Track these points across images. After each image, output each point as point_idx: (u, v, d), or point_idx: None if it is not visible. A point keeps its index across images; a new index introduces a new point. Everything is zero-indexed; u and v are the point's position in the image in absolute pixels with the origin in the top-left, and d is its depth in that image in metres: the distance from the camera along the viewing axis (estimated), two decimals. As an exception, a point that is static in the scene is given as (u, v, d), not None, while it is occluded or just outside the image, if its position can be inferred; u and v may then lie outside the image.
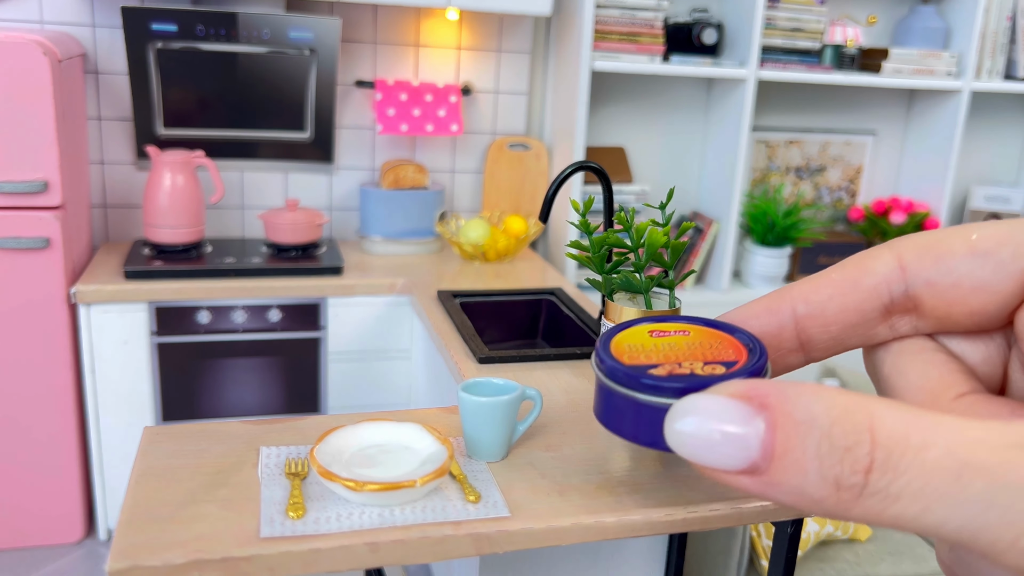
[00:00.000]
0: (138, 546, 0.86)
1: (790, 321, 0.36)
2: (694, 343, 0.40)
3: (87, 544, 2.22)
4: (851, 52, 2.83)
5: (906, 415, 0.26)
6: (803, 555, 1.83)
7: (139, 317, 2.10)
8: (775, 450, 0.27)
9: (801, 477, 0.27)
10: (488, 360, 1.62)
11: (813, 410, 0.27)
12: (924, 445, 0.25)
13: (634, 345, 0.41)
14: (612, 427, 1.01)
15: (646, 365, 0.38)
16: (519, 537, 0.94)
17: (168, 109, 2.37)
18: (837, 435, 0.26)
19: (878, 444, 0.26)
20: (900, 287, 0.33)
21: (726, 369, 0.38)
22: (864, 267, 0.34)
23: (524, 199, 2.73)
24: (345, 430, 1.04)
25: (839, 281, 0.35)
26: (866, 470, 0.26)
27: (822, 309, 0.35)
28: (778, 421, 0.27)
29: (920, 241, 0.33)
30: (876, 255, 0.34)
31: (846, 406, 0.27)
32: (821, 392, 0.27)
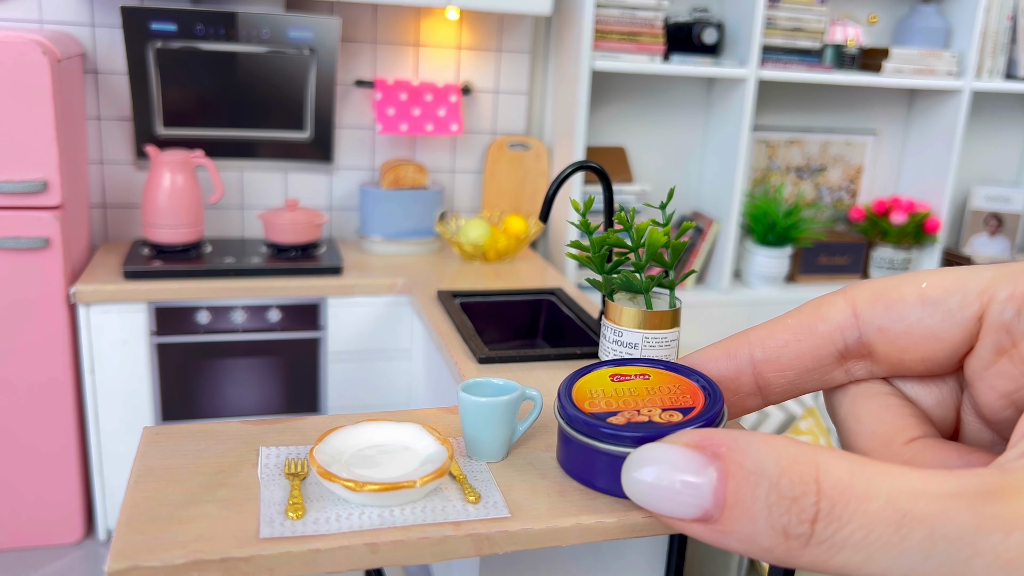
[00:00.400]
0: (137, 546, 0.86)
1: (748, 366, 0.37)
2: (653, 387, 0.41)
3: (86, 544, 2.22)
4: (852, 52, 2.83)
5: (851, 465, 0.27)
6: (804, 555, 1.82)
7: (138, 317, 2.10)
8: (726, 499, 0.28)
9: (751, 526, 0.28)
10: (488, 360, 1.62)
11: (762, 460, 0.28)
12: (867, 495, 0.26)
13: (595, 391, 0.42)
14: (572, 473, 1.01)
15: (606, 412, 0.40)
16: (519, 537, 0.94)
17: (167, 109, 2.37)
18: (785, 485, 0.27)
19: (823, 494, 0.26)
20: (854, 333, 0.34)
21: (683, 416, 0.39)
22: (819, 314, 0.35)
23: (524, 199, 2.72)
24: (345, 430, 1.04)
25: (794, 327, 0.36)
26: (812, 520, 0.26)
27: (778, 355, 0.36)
28: (729, 470, 0.28)
29: (873, 288, 0.34)
30: (831, 302, 0.35)
31: (794, 457, 0.27)
32: (771, 442, 0.28)
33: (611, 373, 0.44)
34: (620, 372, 0.44)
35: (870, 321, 0.34)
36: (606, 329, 1.33)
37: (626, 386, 0.43)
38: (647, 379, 0.43)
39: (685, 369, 0.41)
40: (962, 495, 0.25)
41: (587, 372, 0.46)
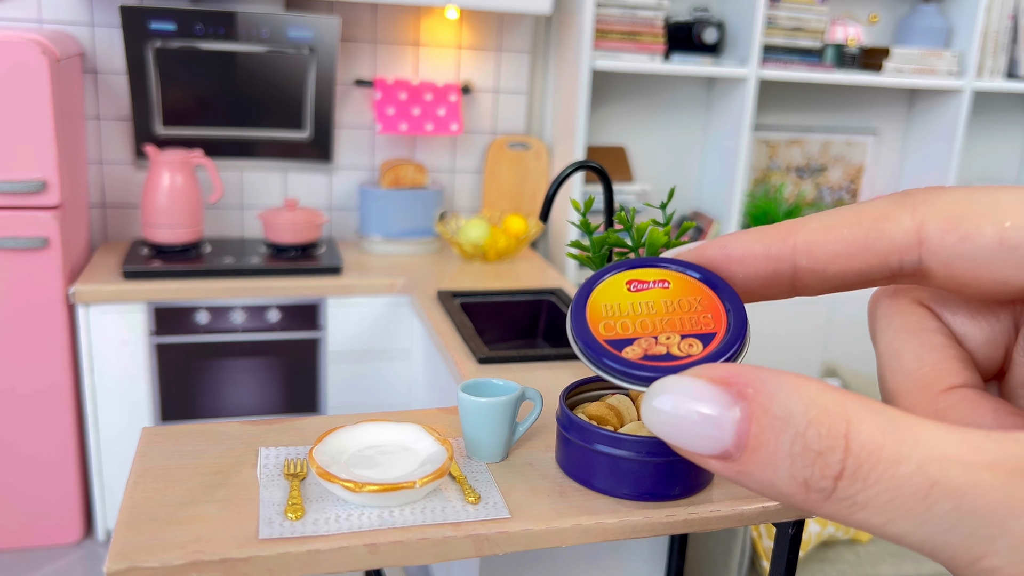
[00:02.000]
0: (136, 547, 0.85)
1: (788, 269, 0.34)
2: (672, 302, 0.38)
3: (85, 545, 2.22)
4: (852, 51, 2.83)
5: (884, 423, 0.26)
6: (804, 556, 1.82)
7: (138, 317, 2.10)
8: (749, 442, 0.27)
9: (772, 472, 0.27)
10: (488, 360, 1.62)
11: (791, 407, 0.27)
12: (897, 459, 0.25)
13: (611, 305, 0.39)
14: (572, 473, 1.01)
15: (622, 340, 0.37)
16: (519, 538, 0.94)
17: (167, 108, 2.36)
18: (812, 437, 0.26)
19: (851, 452, 0.25)
20: (914, 258, 0.31)
21: (703, 346, 0.36)
22: (879, 229, 0.31)
23: (524, 199, 2.72)
24: (344, 431, 1.03)
25: (849, 241, 0.32)
26: (836, 476, 0.26)
27: (824, 266, 0.33)
28: (754, 413, 0.27)
29: (947, 211, 0.30)
30: (895, 219, 0.31)
31: (825, 407, 0.26)
32: (802, 388, 0.27)
33: (628, 279, 0.41)
34: (638, 278, 0.40)
35: (936, 252, 0.30)
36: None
37: (643, 299, 0.39)
38: (666, 288, 0.39)
39: (709, 276, 0.38)
40: (997, 468, 0.24)
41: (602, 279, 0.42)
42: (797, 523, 1.06)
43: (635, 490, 0.97)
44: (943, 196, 0.30)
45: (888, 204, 0.31)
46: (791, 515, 1.03)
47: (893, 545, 1.89)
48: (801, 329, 2.84)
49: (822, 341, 2.84)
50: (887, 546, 1.89)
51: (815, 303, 2.85)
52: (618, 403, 1.05)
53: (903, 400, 0.33)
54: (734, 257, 0.35)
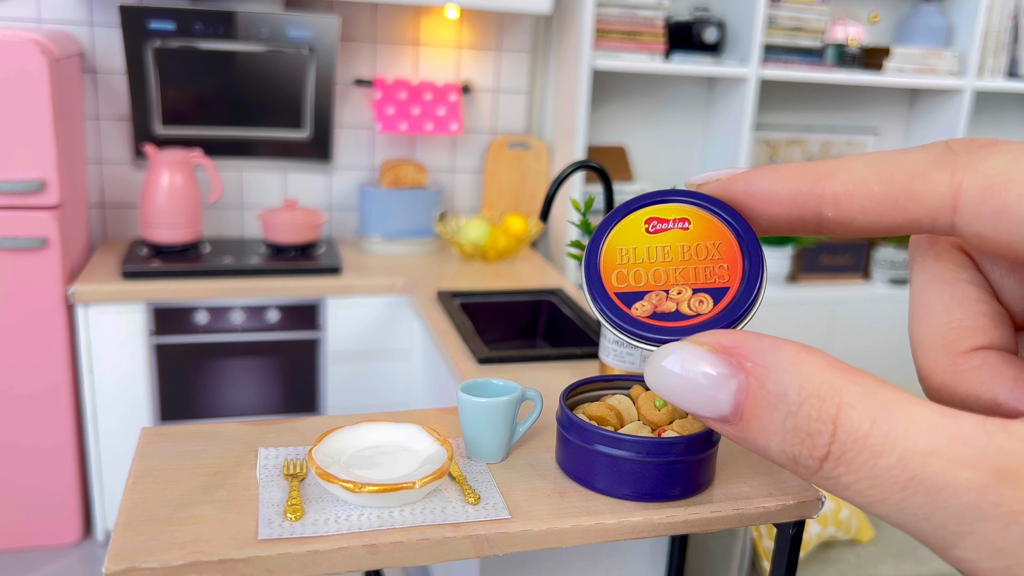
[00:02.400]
0: (135, 547, 0.85)
1: (814, 217, 0.32)
2: (690, 247, 0.37)
3: (84, 545, 2.21)
4: (853, 51, 2.82)
5: (875, 410, 0.26)
6: (805, 556, 1.82)
7: (137, 317, 2.09)
8: (744, 413, 0.28)
9: (765, 441, 0.28)
10: (488, 360, 1.61)
11: (785, 385, 0.27)
12: (880, 450, 0.25)
13: (626, 249, 0.38)
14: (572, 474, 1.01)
15: (633, 293, 0.36)
16: (519, 539, 0.93)
17: (166, 108, 2.36)
18: (802, 418, 0.27)
19: (837, 438, 0.26)
20: (946, 224, 0.29)
21: (714, 304, 0.36)
22: (912, 191, 0.29)
23: (524, 198, 2.72)
24: (344, 431, 1.03)
25: (879, 198, 0.30)
26: (822, 458, 0.26)
27: (851, 218, 0.31)
28: (751, 387, 0.28)
29: (987, 178, 0.28)
30: (931, 179, 0.29)
31: (818, 389, 0.27)
32: (799, 365, 0.27)
33: (648, 217, 0.39)
34: (658, 216, 0.39)
35: (971, 222, 0.28)
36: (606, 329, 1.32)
37: (661, 242, 0.38)
38: (686, 229, 0.38)
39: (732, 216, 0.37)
40: (978, 466, 0.24)
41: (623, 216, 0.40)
42: (798, 524, 1.05)
43: (635, 491, 0.97)
44: (986, 159, 0.28)
45: (926, 160, 0.29)
46: (791, 516, 1.03)
47: (894, 545, 1.89)
48: (801, 329, 2.84)
49: (822, 341, 2.84)
50: (888, 546, 1.89)
51: (816, 303, 2.84)
52: (618, 403, 1.04)
53: (925, 355, 0.32)
54: (759, 197, 0.34)
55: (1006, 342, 0.32)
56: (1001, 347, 0.31)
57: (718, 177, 0.35)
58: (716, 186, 0.36)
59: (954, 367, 0.31)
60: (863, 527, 1.90)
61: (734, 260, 0.37)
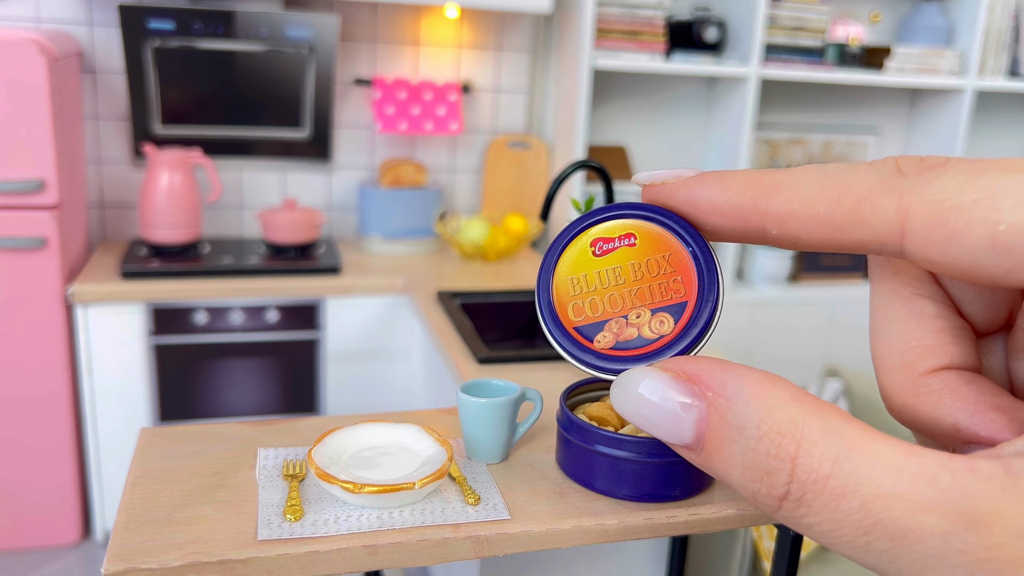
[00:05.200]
0: (134, 548, 0.85)
1: (758, 232, 0.31)
2: (641, 264, 0.36)
3: (83, 546, 2.21)
4: (854, 50, 2.82)
5: (836, 450, 0.25)
6: (805, 557, 1.82)
7: (136, 317, 2.09)
8: (705, 444, 0.28)
9: (726, 472, 0.27)
10: (488, 360, 1.61)
11: (745, 419, 0.27)
12: (842, 493, 0.24)
13: (577, 278, 0.37)
14: (572, 474, 1.01)
15: (591, 324, 0.36)
16: (519, 539, 0.93)
17: (165, 107, 2.36)
18: (760, 454, 0.26)
19: (796, 478, 0.25)
20: (895, 248, 0.28)
21: (675, 322, 0.35)
22: (859, 214, 0.28)
23: (524, 198, 2.71)
24: (343, 431, 1.03)
25: (824, 220, 0.29)
26: (780, 497, 0.26)
27: (796, 237, 0.30)
28: (711, 418, 0.27)
29: (935, 202, 0.26)
30: (877, 203, 0.28)
31: (778, 426, 0.26)
32: (760, 399, 0.27)
33: (593, 239, 0.39)
34: (604, 236, 0.39)
35: (920, 247, 0.27)
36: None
37: (610, 264, 0.38)
38: (633, 246, 0.38)
39: (677, 223, 0.36)
40: (944, 511, 0.23)
41: (568, 243, 0.40)
42: (799, 524, 1.05)
43: (636, 491, 0.97)
44: (934, 182, 0.27)
45: (874, 182, 0.28)
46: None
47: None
48: (801, 329, 2.83)
49: (823, 341, 2.83)
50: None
51: (816, 303, 2.84)
52: (619, 403, 1.04)
53: (886, 376, 0.32)
54: (702, 207, 0.33)
55: (967, 359, 0.31)
56: (962, 365, 0.31)
57: (663, 179, 0.34)
58: (658, 192, 0.34)
59: (915, 389, 0.31)
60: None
61: (687, 271, 0.36)
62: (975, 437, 0.29)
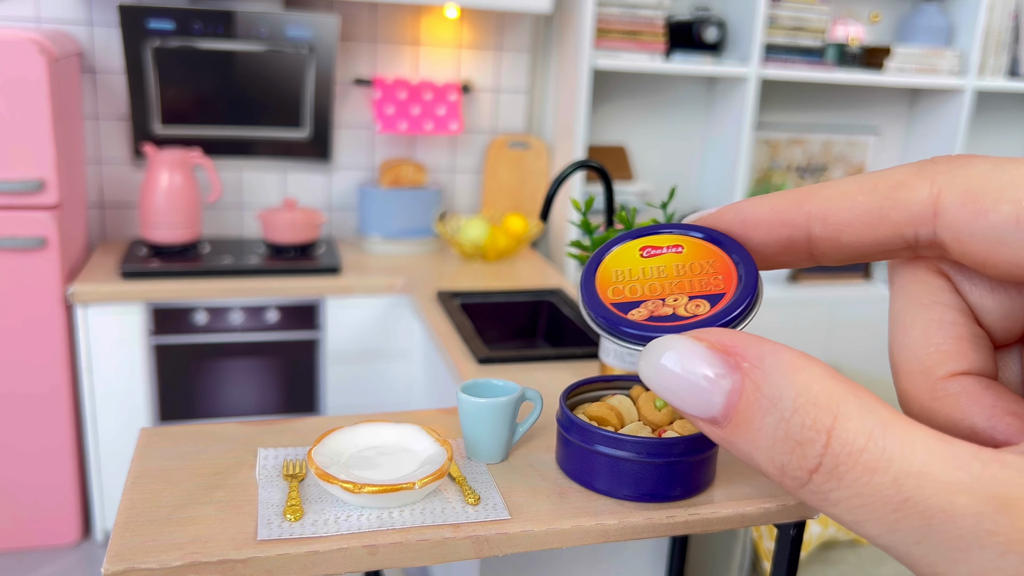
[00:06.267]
0: (134, 548, 0.85)
1: (803, 236, 0.33)
2: (684, 265, 0.37)
3: (83, 546, 2.21)
4: (854, 50, 2.82)
5: (872, 426, 0.25)
6: (805, 557, 1.82)
7: (136, 317, 2.09)
8: (735, 415, 0.27)
9: (753, 447, 0.27)
10: (488, 360, 1.61)
11: (781, 391, 0.26)
12: (875, 467, 0.25)
13: (621, 271, 0.38)
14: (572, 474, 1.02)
15: (628, 303, 0.36)
16: (519, 539, 0.93)
17: (165, 107, 2.36)
18: (795, 426, 0.26)
19: (830, 450, 0.25)
20: (928, 231, 0.30)
21: (711, 307, 0.35)
22: (895, 198, 0.30)
23: (524, 198, 2.71)
24: (343, 431, 1.03)
25: (863, 208, 0.31)
26: (812, 469, 0.26)
27: (838, 233, 0.32)
28: (745, 388, 0.27)
29: (967, 184, 0.28)
30: (913, 187, 0.30)
31: (815, 398, 0.26)
32: (797, 372, 0.27)
33: (642, 246, 0.40)
34: (651, 244, 0.40)
35: (950, 226, 0.29)
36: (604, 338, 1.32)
37: (655, 263, 0.39)
38: (680, 252, 0.39)
39: (724, 240, 0.37)
40: (974, 493, 0.24)
41: (615, 246, 0.41)
42: (798, 524, 1.05)
43: (636, 491, 0.97)
44: (965, 167, 0.29)
45: (908, 172, 0.30)
46: (792, 516, 1.03)
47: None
48: (802, 329, 2.83)
49: (823, 341, 2.83)
50: (889, 547, 1.88)
51: (816, 303, 2.84)
52: (619, 404, 1.04)
53: (905, 380, 0.32)
54: (749, 222, 0.35)
55: (984, 366, 0.32)
56: (980, 371, 0.31)
57: (710, 212, 0.36)
58: (708, 218, 0.36)
59: (933, 393, 0.31)
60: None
61: (729, 273, 0.37)
62: (991, 440, 0.30)
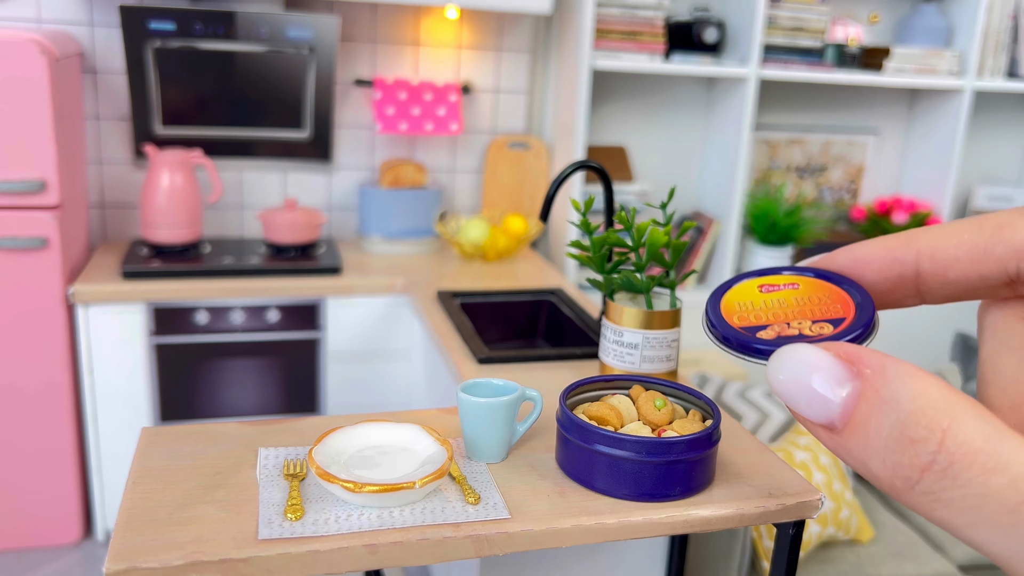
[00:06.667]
0: (136, 547, 0.85)
1: (911, 272, 0.35)
2: (803, 298, 0.40)
3: (85, 545, 2.21)
4: (853, 51, 2.82)
5: (989, 431, 0.26)
6: (804, 556, 1.82)
7: (137, 317, 2.09)
8: (853, 418, 0.29)
9: (867, 451, 0.28)
10: (488, 360, 1.61)
11: (900, 393, 0.28)
12: (993, 468, 0.25)
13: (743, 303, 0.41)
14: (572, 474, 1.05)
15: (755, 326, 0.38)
16: (519, 539, 0.93)
17: (166, 108, 2.36)
18: (910, 425, 0.27)
19: (944, 448, 0.26)
20: None
21: (833, 328, 0.38)
22: (999, 235, 0.32)
23: (524, 198, 2.72)
24: (344, 431, 1.03)
25: (969, 245, 0.33)
26: (924, 468, 0.26)
27: (945, 268, 0.34)
28: (865, 393, 0.28)
29: None
30: (1015, 225, 0.32)
31: (932, 400, 0.27)
32: (917, 380, 0.28)
33: (759, 284, 0.43)
34: (768, 282, 0.43)
35: None
36: (606, 329, 1.32)
37: (775, 297, 0.42)
38: (796, 288, 0.42)
39: (837, 277, 0.40)
40: None
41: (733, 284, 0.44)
42: (797, 523, 1.05)
43: (635, 490, 0.97)
44: None
45: (1011, 212, 0.33)
46: (791, 516, 1.03)
47: (894, 546, 1.88)
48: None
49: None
50: (888, 546, 1.89)
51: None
52: (618, 403, 1.04)
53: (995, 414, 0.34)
54: (861, 261, 0.37)
55: None
56: None
57: (824, 256, 0.40)
58: (821, 261, 0.40)
59: (1021, 428, 0.32)
60: (863, 527, 1.90)
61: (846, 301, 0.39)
62: None
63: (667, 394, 1.09)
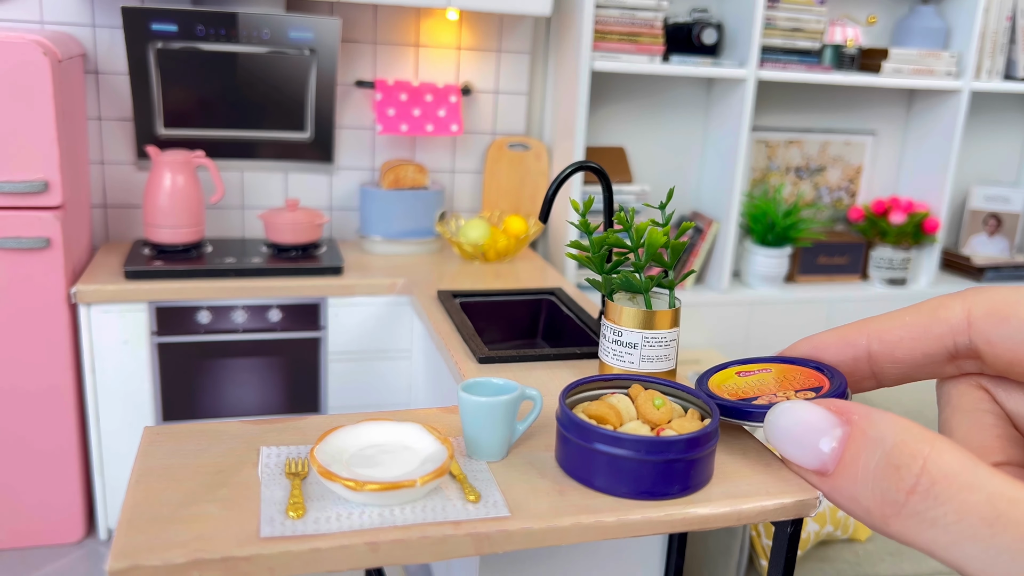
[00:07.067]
0: (138, 546, 0.86)
1: (864, 355, 0.40)
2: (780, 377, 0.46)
3: (87, 544, 2.22)
4: (851, 52, 2.83)
5: (965, 460, 0.29)
6: (803, 555, 1.83)
7: (139, 317, 2.10)
8: (843, 459, 0.32)
9: (856, 486, 0.31)
10: (488, 360, 1.62)
11: (884, 431, 0.31)
12: (970, 487, 0.28)
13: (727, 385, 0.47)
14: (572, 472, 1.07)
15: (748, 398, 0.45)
16: (519, 537, 0.94)
17: (168, 109, 2.37)
18: (894, 454, 0.30)
19: (926, 471, 0.29)
20: (964, 340, 0.36)
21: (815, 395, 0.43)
22: (936, 316, 0.37)
23: (524, 199, 2.73)
24: (345, 430, 1.04)
25: (911, 325, 0.38)
26: (909, 490, 0.29)
27: (892, 349, 0.39)
28: (853, 435, 0.32)
29: (992, 300, 0.36)
30: (948, 305, 0.37)
31: (915, 435, 0.30)
32: (900, 420, 0.31)
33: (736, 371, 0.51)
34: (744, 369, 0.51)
35: (981, 332, 0.36)
36: (606, 329, 1.33)
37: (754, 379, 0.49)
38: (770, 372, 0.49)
39: (803, 361, 0.45)
40: None
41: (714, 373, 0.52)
42: (795, 522, 1.06)
43: (634, 489, 0.98)
44: (990, 290, 0.36)
45: (946, 297, 0.38)
46: (790, 514, 1.04)
47: (891, 543, 1.89)
48: (798, 327, 2.84)
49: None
50: (885, 544, 1.90)
51: (813, 302, 2.85)
52: (617, 402, 1.05)
53: None
54: (819, 346, 0.42)
55: (1020, 459, 0.37)
56: (1017, 463, 0.37)
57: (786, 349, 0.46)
58: (785, 351, 0.45)
59: None
60: (861, 526, 1.91)
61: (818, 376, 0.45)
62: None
63: (666, 393, 1.10)
